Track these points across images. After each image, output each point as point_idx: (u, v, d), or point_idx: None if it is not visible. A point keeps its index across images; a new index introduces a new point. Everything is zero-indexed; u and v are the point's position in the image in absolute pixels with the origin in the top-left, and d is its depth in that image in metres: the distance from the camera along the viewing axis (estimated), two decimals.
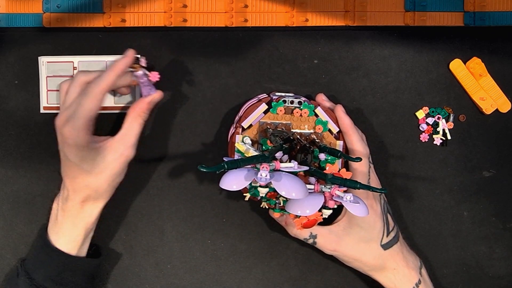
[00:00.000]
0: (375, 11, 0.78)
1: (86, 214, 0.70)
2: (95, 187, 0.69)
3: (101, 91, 0.66)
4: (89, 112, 0.65)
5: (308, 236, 0.71)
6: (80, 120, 0.65)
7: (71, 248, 0.70)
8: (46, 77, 0.76)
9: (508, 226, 0.79)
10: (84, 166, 0.67)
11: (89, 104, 0.65)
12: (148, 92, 0.71)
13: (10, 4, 0.77)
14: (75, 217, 0.70)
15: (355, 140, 0.71)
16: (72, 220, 0.70)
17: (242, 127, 0.70)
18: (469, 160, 0.79)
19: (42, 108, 0.77)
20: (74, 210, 0.70)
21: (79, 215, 0.70)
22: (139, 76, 0.70)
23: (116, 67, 0.67)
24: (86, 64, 0.76)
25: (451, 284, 0.79)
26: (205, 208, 0.78)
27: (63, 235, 0.70)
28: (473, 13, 0.78)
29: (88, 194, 0.69)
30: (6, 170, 0.78)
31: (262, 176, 0.58)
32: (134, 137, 0.70)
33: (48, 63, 0.76)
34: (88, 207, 0.70)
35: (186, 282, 0.78)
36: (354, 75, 0.78)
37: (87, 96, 0.65)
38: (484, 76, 0.78)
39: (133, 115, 0.70)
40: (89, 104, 0.65)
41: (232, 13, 0.77)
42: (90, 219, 0.71)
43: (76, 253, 0.71)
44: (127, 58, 0.68)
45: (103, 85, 0.66)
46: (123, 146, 0.69)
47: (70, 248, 0.70)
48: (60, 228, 0.70)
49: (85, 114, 0.65)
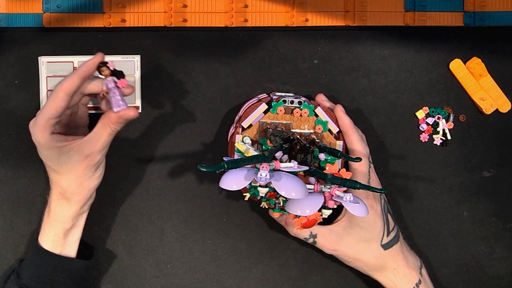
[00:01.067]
0: (375, 11, 0.78)
1: (61, 211, 0.70)
2: (64, 186, 0.68)
3: (62, 91, 0.64)
4: (49, 111, 0.65)
5: (308, 235, 0.71)
6: (40, 119, 0.65)
7: (53, 247, 0.70)
8: (46, 77, 0.76)
9: (508, 226, 0.79)
10: (50, 165, 0.68)
11: (50, 103, 0.65)
12: (118, 104, 0.65)
13: (10, 4, 0.77)
14: (53, 213, 0.70)
15: (355, 140, 0.71)
16: (51, 216, 0.70)
17: (242, 127, 0.70)
18: (469, 160, 0.79)
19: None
20: (52, 206, 0.70)
21: (55, 211, 0.70)
22: (109, 83, 0.65)
23: (81, 69, 0.65)
24: None
25: (451, 284, 0.79)
26: (205, 208, 0.78)
27: (45, 233, 0.70)
28: (473, 13, 0.78)
29: (59, 192, 0.69)
30: (6, 170, 0.78)
31: (262, 176, 0.58)
32: (101, 144, 0.67)
33: (48, 63, 0.76)
34: (63, 204, 0.70)
35: (186, 282, 0.78)
36: (354, 75, 0.78)
37: (50, 97, 0.65)
38: (484, 76, 0.78)
39: (103, 122, 0.67)
40: (49, 104, 0.65)
41: (232, 13, 0.77)
42: (65, 217, 0.70)
43: (60, 251, 0.70)
44: (93, 60, 0.65)
45: (65, 86, 0.65)
46: (89, 149, 0.67)
47: (52, 246, 0.70)
48: (43, 225, 0.71)
49: (45, 113, 0.65)
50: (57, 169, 0.68)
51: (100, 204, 0.77)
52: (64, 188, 0.69)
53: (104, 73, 0.65)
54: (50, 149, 0.66)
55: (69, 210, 0.70)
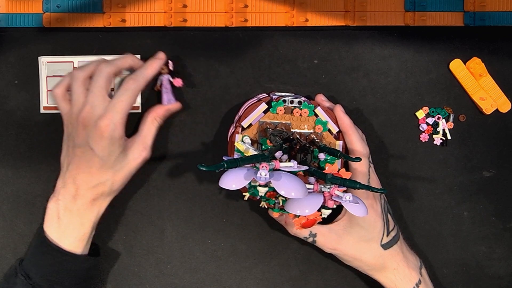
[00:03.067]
0: (375, 11, 0.78)
1: (95, 212, 0.71)
2: (111, 183, 0.70)
3: (139, 88, 0.70)
4: (128, 106, 0.68)
5: (308, 234, 0.71)
6: (120, 114, 0.67)
7: (77, 247, 0.70)
8: (46, 77, 0.76)
9: (508, 226, 0.79)
10: (109, 161, 0.68)
11: (129, 99, 0.68)
12: (168, 100, 0.75)
13: (10, 4, 0.77)
14: (83, 216, 0.70)
15: (355, 139, 0.71)
16: (80, 219, 0.70)
17: (242, 127, 0.70)
18: (469, 160, 0.79)
19: (42, 108, 0.77)
20: (83, 208, 0.70)
21: (88, 213, 0.70)
22: (164, 80, 0.74)
23: (152, 67, 0.72)
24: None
25: (451, 284, 0.79)
26: (205, 208, 0.78)
27: (70, 235, 0.70)
28: (473, 13, 0.78)
29: (102, 191, 0.70)
30: (6, 170, 0.78)
31: (262, 176, 0.58)
32: (151, 139, 0.73)
33: (48, 63, 0.76)
34: (98, 204, 0.71)
35: (186, 282, 0.78)
36: (354, 75, 0.78)
37: (127, 92, 0.68)
38: (484, 76, 0.78)
39: (151, 118, 0.73)
40: (128, 99, 0.68)
41: (232, 13, 0.77)
42: (98, 216, 0.72)
43: (82, 251, 0.71)
44: (160, 60, 0.73)
45: (142, 83, 0.70)
46: (142, 146, 0.71)
47: (77, 246, 0.70)
48: (66, 228, 0.70)
49: (125, 108, 0.68)
50: (113, 165, 0.69)
51: None
52: (110, 185, 0.70)
53: (163, 71, 0.74)
54: (119, 145, 0.68)
55: (103, 209, 0.72)
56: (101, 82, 0.68)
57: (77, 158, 0.69)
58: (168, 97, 0.75)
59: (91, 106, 0.68)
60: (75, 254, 0.70)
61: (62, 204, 0.70)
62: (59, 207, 0.70)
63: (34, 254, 0.71)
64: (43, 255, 0.69)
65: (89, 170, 0.69)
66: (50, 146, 0.76)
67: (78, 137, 0.68)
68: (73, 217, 0.70)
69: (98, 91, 0.68)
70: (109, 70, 0.69)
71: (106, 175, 0.69)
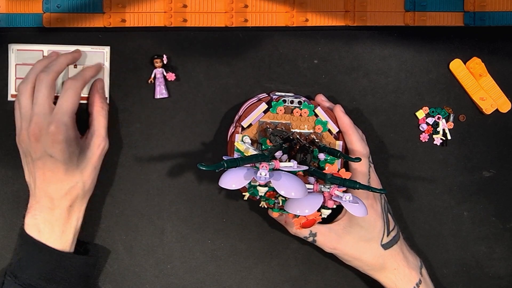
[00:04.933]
0: (375, 11, 0.78)
1: (75, 217, 0.71)
2: (82, 184, 0.70)
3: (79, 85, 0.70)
4: (73, 105, 0.69)
5: (308, 234, 0.71)
6: (67, 114, 0.68)
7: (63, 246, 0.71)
8: (16, 64, 0.76)
9: (508, 226, 0.79)
10: (72, 163, 0.69)
11: (72, 98, 0.69)
12: (161, 92, 0.77)
13: (10, 4, 0.77)
14: (64, 224, 0.70)
15: (355, 140, 0.71)
16: (61, 228, 0.70)
17: (242, 126, 0.70)
18: (469, 160, 0.79)
19: (10, 96, 0.77)
20: (62, 217, 0.70)
21: (68, 221, 0.71)
22: (158, 73, 0.76)
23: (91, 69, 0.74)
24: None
25: (451, 284, 0.79)
26: (205, 208, 0.78)
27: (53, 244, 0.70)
28: (473, 13, 0.78)
29: (76, 194, 0.70)
30: (6, 170, 0.78)
31: (262, 175, 0.58)
32: (104, 128, 0.73)
33: (18, 51, 0.76)
34: (76, 209, 0.71)
35: (186, 282, 0.78)
36: (354, 75, 0.78)
37: (68, 91, 0.69)
38: (484, 76, 0.78)
39: (96, 108, 0.74)
40: (71, 98, 0.69)
41: (232, 13, 0.77)
42: (79, 221, 0.72)
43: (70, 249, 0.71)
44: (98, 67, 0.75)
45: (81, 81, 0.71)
46: (98, 138, 0.72)
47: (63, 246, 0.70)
48: (47, 239, 0.70)
49: (70, 108, 0.68)
50: (77, 165, 0.70)
51: (100, 204, 0.77)
52: (82, 186, 0.70)
53: (157, 64, 0.76)
54: (76, 145, 0.69)
55: (82, 212, 0.72)
56: (44, 91, 0.68)
57: (40, 170, 0.69)
58: (160, 90, 0.76)
59: (38, 116, 0.67)
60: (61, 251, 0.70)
61: (40, 217, 0.70)
62: (38, 221, 0.70)
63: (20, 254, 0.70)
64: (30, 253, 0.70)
65: (57, 178, 0.69)
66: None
67: (34, 151, 0.68)
68: (54, 228, 0.70)
69: (42, 101, 0.68)
70: (49, 78, 0.69)
71: (74, 177, 0.69)
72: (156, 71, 0.76)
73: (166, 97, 0.77)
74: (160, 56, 0.76)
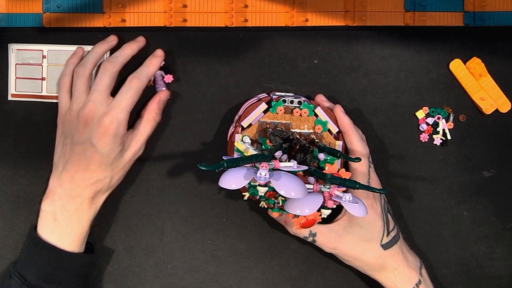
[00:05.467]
0: (375, 11, 0.78)
1: (93, 210, 0.71)
2: (109, 180, 0.71)
3: (142, 86, 0.72)
4: (131, 104, 0.70)
5: (307, 234, 0.71)
6: (124, 111, 0.69)
7: (74, 247, 0.70)
8: (16, 64, 0.76)
9: (508, 226, 0.79)
10: (109, 158, 0.69)
11: (133, 97, 0.70)
12: None
13: (10, 4, 0.77)
14: (81, 215, 0.70)
15: (355, 140, 0.71)
16: (78, 219, 0.70)
17: (242, 126, 0.70)
18: (469, 160, 0.79)
19: (10, 95, 0.77)
20: (82, 207, 0.70)
21: (86, 212, 0.71)
22: (157, 76, 0.76)
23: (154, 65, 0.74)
24: (55, 53, 0.77)
25: (451, 284, 0.79)
26: (205, 208, 0.78)
27: (67, 236, 0.70)
28: (473, 13, 0.78)
29: (101, 188, 0.70)
30: (6, 170, 0.78)
31: (262, 175, 0.58)
32: (145, 137, 0.74)
33: (18, 50, 0.76)
34: (96, 201, 0.71)
35: (186, 282, 0.78)
36: (354, 75, 0.78)
37: (131, 90, 0.70)
38: (484, 76, 0.77)
39: (147, 116, 0.74)
40: (132, 97, 0.70)
41: (232, 13, 0.77)
42: (95, 213, 0.72)
43: (78, 250, 0.71)
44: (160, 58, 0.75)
45: (145, 81, 0.72)
46: (137, 144, 0.73)
47: (74, 246, 0.70)
48: (63, 229, 0.70)
49: (129, 106, 0.70)
50: (112, 162, 0.70)
51: None
52: (108, 181, 0.71)
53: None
54: (120, 143, 0.70)
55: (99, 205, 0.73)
56: (107, 80, 0.70)
57: (76, 155, 0.69)
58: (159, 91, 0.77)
59: (94, 103, 0.69)
60: (71, 252, 0.70)
61: (58, 204, 0.70)
62: (55, 208, 0.70)
63: (28, 255, 0.70)
64: (38, 255, 0.69)
65: (89, 168, 0.69)
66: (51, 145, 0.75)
67: (78, 134, 0.69)
68: (71, 217, 0.70)
69: (103, 89, 0.69)
70: (115, 70, 0.71)
71: (105, 172, 0.70)
72: (155, 74, 0.76)
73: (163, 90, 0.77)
74: None
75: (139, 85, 0.71)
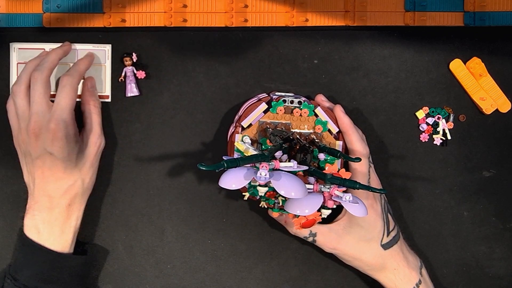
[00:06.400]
0: (375, 11, 0.78)
1: (74, 216, 0.71)
2: (81, 182, 0.70)
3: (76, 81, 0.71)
4: (71, 102, 0.69)
5: (307, 234, 0.71)
6: (66, 111, 0.68)
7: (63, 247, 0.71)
8: (17, 63, 0.76)
9: (508, 226, 0.79)
10: (70, 161, 0.69)
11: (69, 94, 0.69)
12: (132, 90, 0.77)
13: (10, 4, 0.77)
14: (64, 224, 0.70)
15: (355, 140, 0.71)
16: (60, 228, 0.70)
17: (242, 126, 0.70)
18: (469, 160, 0.79)
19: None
20: (62, 216, 0.70)
21: (67, 221, 0.71)
22: (128, 72, 0.76)
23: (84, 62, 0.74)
24: None
25: (451, 284, 0.79)
26: (205, 208, 0.78)
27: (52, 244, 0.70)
28: (473, 13, 0.78)
29: (75, 193, 0.70)
30: (6, 170, 0.78)
31: (262, 175, 0.58)
32: (99, 127, 0.73)
33: (20, 49, 0.76)
34: (76, 208, 0.71)
35: (186, 282, 0.78)
36: (354, 75, 0.78)
37: (65, 88, 0.69)
38: (484, 76, 0.78)
39: (88, 107, 0.74)
40: (69, 95, 0.69)
41: (232, 13, 0.77)
42: (78, 220, 0.72)
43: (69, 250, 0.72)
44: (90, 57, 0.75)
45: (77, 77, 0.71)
46: (94, 136, 0.72)
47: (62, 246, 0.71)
48: (47, 239, 0.70)
49: (69, 104, 0.69)
50: (76, 163, 0.70)
51: (100, 204, 0.77)
52: (80, 184, 0.71)
53: (127, 63, 0.76)
54: (75, 142, 0.69)
55: (81, 211, 0.73)
56: (40, 89, 0.68)
57: (39, 169, 0.69)
58: (131, 88, 0.77)
59: (37, 115, 0.68)
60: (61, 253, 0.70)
61: (39, 218, 0.70)
62: (37, 221, 0.70)
63: (19, 256, 0.70)
64: (28, 255, 0.70)
65: (56, 176, 0.69)
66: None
67: (33, 149, 0.68)
68: (53, 228, 0.70)
69: (40, 99, 0.68)
70: (43, 76, 0.69)
71: (73, 175, 0.70)
72: (126, 70, 0.76)
73: (137, 95, 0.77)
74: (129, 54, 0.76)
75: (71, 81, 0.70)
